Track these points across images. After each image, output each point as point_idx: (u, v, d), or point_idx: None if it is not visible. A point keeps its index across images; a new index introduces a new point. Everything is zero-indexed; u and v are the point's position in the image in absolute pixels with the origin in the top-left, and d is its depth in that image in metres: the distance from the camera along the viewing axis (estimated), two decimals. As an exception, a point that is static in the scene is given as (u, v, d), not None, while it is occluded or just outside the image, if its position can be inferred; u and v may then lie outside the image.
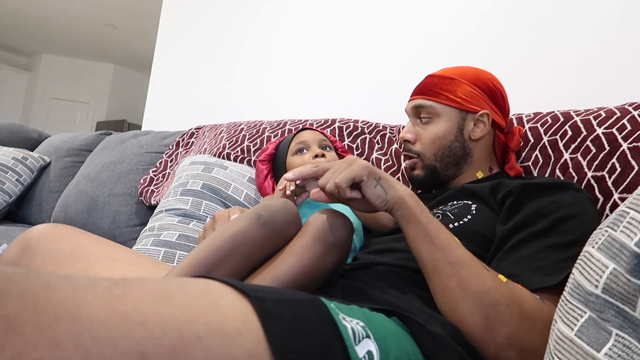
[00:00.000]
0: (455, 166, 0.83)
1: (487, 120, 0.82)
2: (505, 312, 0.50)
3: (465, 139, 0.83)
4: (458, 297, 0.53)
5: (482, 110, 0.82)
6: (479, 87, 0.83)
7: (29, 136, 2.21)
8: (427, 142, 0.84)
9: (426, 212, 0.60)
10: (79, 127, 6.82)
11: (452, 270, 0.54)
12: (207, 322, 0.35)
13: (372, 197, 0.61)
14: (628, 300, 0.33)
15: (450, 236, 0.58)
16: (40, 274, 0.31)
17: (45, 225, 0.68)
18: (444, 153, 0.83)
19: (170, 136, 1.71)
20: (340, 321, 0.42)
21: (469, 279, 0.53)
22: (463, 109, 0.82)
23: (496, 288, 0.52)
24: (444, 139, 0.82)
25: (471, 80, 0.83)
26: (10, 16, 5.56)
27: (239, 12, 2.13)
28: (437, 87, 0.83)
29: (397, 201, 0.60)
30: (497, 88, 0.85)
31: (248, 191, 1.21)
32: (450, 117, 0.82)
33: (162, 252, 1.06)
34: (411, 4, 1.53)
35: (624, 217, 0.36)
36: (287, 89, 1.86)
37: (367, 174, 0.60)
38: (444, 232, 0.58)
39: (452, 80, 0.83)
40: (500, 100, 0.85)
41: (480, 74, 0.85)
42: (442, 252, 0.56)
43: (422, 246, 0.58)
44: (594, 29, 1.14)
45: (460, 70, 0.85)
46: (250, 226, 0.60)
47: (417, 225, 0.59)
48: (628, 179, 0.72)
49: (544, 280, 0.55)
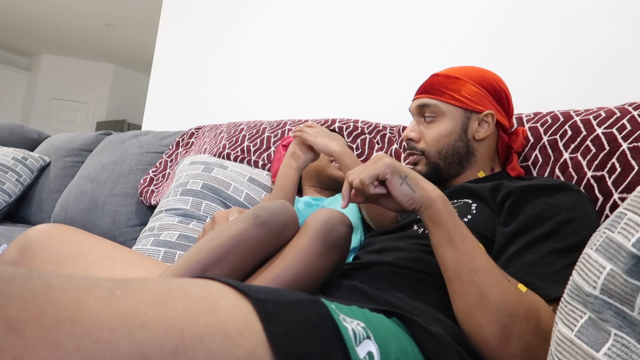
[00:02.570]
0: (459, 165, 0.83)
1: (491, 121, 0.82)
2: (523, 325, 0.50)
3: (469, 138, 0.82)
4: (477, 304, 0.52)
5: (486, 111, 0.82)
6: (484, 87, 0.83)
7: (29, 136, 2.21)
8: (431, 140, 0.83)
9: (454, 216, 0.58)
10: (79, 127, 6.82)
11: (474, 277, 0.53)
12: (209, 323, 0.35)
13: (398, 195, 0.60)
14: (626, 301, 0.33)
15: (475, 242, 0.57)
16: (42, 274, 0.31)
17: (45, 226, 0.68)
18: (448, 152, 0.82)
19: (170, 136, 1.71)
20: (341, 322, 0.42)
21: (490, 287, 0.52)
22: (468, 109, 0.82)
23: (516, 299, 0.51)
24: (448, 137, 0.82)
25: (476, 80, 0.83)
26: (10, 16, 5.56)
27: (238, 12, 2.13)
28: (442, 86, 0.83)
29: (424, 201, 0.59)
30: (501, 89, 0.85)
31: (248, 191, 1.21)
32: (455, 116, 0.82)
33: (162, 252, 1.06)
34: (411, 4, 1.53)
35: (622, 218, 0.36)
36: (287, 89, 1.86)
37: (390, 172, 0.59)
38: (470, 238, 0.57)
39: (457, 79, 0.83)
40: (504, 101, 0.85)
41: (485, 74, 0.85)
42: (466, 258, 0.55)
43: (446, 250, 0.57)
44: (593, 29, 1.14)
45: (465, 70, 0.85)
46: (248, 226, 0.60)
47: (443, 229, 0.58)
48: (628, 179, 0.73)
49: (554, 289, 0.54)
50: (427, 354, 0.48)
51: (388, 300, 0.58)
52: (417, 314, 0.54)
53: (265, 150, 1.36)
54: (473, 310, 0.53)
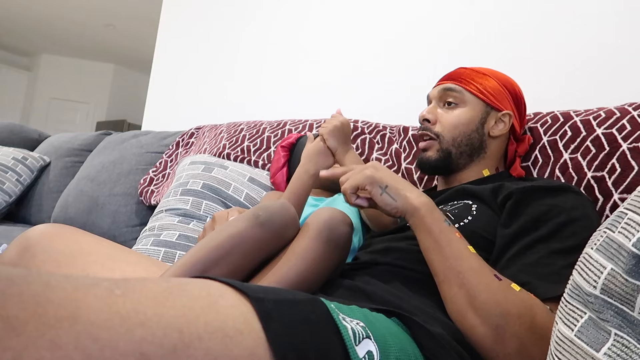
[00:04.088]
0: (469, 157, 0.84)
1: (508, 121, 0.84)
2: (516, 323, 0.50)
3: (484, 133, 0.84)
4: (468, 305, 0.53)
5: (505, 110, 0.84)
6: (507, 89, 0.85)
7: (29, 136, 2.21)
8: (449, 125, 0.83)
9: (438, 222, 0.60)
10: (79, 127, 6.82)
11: (463, 280, 0.54)
12: (208, 322, 0.35)
13: (380, 205, 0.63)
14: (626, 300, 0.33)
15: (463, 245, 0.58)
16: (41, 274, 0.31)
17: (45, 226, 0.68)
18: (462, 140, 0.83)
19: (170, 136, 1.71)
20: (341, 321, 0.42)
21: (479, 288, 0.53)
22: (489, 104, 0.83)
23: (507, 298, 0.52)
24: (466, 126, 0.83)
25: (501, 80, 0.86)
26: (10, 16, 5.56)
27: (238, 12, 2.13)
28: (469, 77, 0.85)
29: (407, 209, 0.62)
30: (521, 96, 0.88)
31: (248, 191, 1.21)
32: (476, 107, 0.83)
33: (162, 252, 1.06)
34: (411, 4, 1.53)
35: (622, 218, 0.36)
36: (287, 88, 1.86)
37: (370, 183, 0.63)
38: (456, 242, 0.58)
39: (484, 75, 0.85)
40: (522, 108, 0.88)
41: (509, 79, 0.88)
42: (453, 262, 0.56)
43: (433, 255, 0.59)
44: (593, 29, 1.14)
45: (492, 70, 0.88)
46: (248, 226, 0.60)
47: (428, 235, 0.59)
48: (628, 180, 0.72)
49: (552, 289, 0.54)
50: (427, 353, 0.48)
51: (388, 300, 0.58)
52: (417, 313, 0.54)
53: (265, 150, 1.36)
54: (464, 312, 0.53)
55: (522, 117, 0.88)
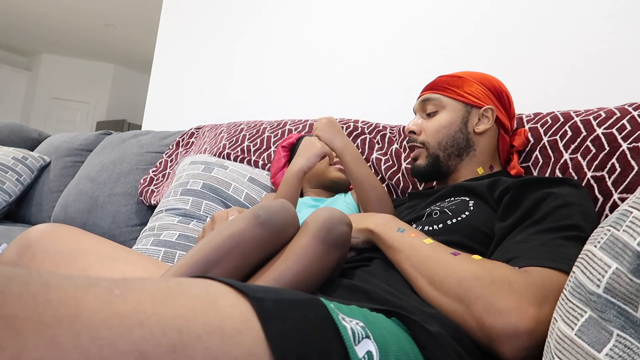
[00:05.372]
0: (458, 157, 0.85)
1: (491, 115, 0.85)
2: (476, 285, 0.52)
3: (469, 131, 0.85)
4: (432, 290, 0.57)
5: (486, 106, 0.85)
6: (485, 85, 0.87)
7: (29, 136, 2.21)
8: (431, 131, 0.87)
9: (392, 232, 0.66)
10: (79, 127, 6.82)
11: (422, 270, 0.59)
12: (207, 322, 0.35)
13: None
14: (630, 301, 0.33)
15: (417, 241, 0.63)
16: (40, 273, 0.31)
17: (45, 225, 0.68)
18: (448, 142, 0.85)
19: (170, 136, 1.71)
20: (340, 321, 0.42)
21: (435, 269, 0.57)
22: (468, 103, 0.85)
23: (461, 266, 0.55)
24: (448, 128, 0.85)
25: (478, 79, 0.87)
26: (10, 16, 5.56)
27: (238, 11, 2.13)
28: (445, 83, 0.88)
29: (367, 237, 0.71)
30: (502, 89, 0.89)
31: (248, 191, 1.21)
32: (456, 109, 0.86)
33: (162, 252, 1.06)
34: (411, 4, 1.53)
35: (627, 216, 0.35)
36: (287, 88, 1.86)
37: None
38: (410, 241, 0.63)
39: (460, 78, 0.87)
40: (505, 101, 0.88)
41: (487, 76, 0.89)
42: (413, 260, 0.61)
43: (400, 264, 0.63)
44: (593, 29, 1.14)
45: (468, 72, 0.90)
46: (248, 226, 0.60)
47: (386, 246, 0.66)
48: (628, 179, 0.72)
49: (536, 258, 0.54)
50: (426, 353, 0.48)
51: (387, 299, 0.58)
52: (416, 313, 0.54)
53: (266, 150, 1.36)
54: (432, 296, 0.57)
55: (507, 109, 0.89)
